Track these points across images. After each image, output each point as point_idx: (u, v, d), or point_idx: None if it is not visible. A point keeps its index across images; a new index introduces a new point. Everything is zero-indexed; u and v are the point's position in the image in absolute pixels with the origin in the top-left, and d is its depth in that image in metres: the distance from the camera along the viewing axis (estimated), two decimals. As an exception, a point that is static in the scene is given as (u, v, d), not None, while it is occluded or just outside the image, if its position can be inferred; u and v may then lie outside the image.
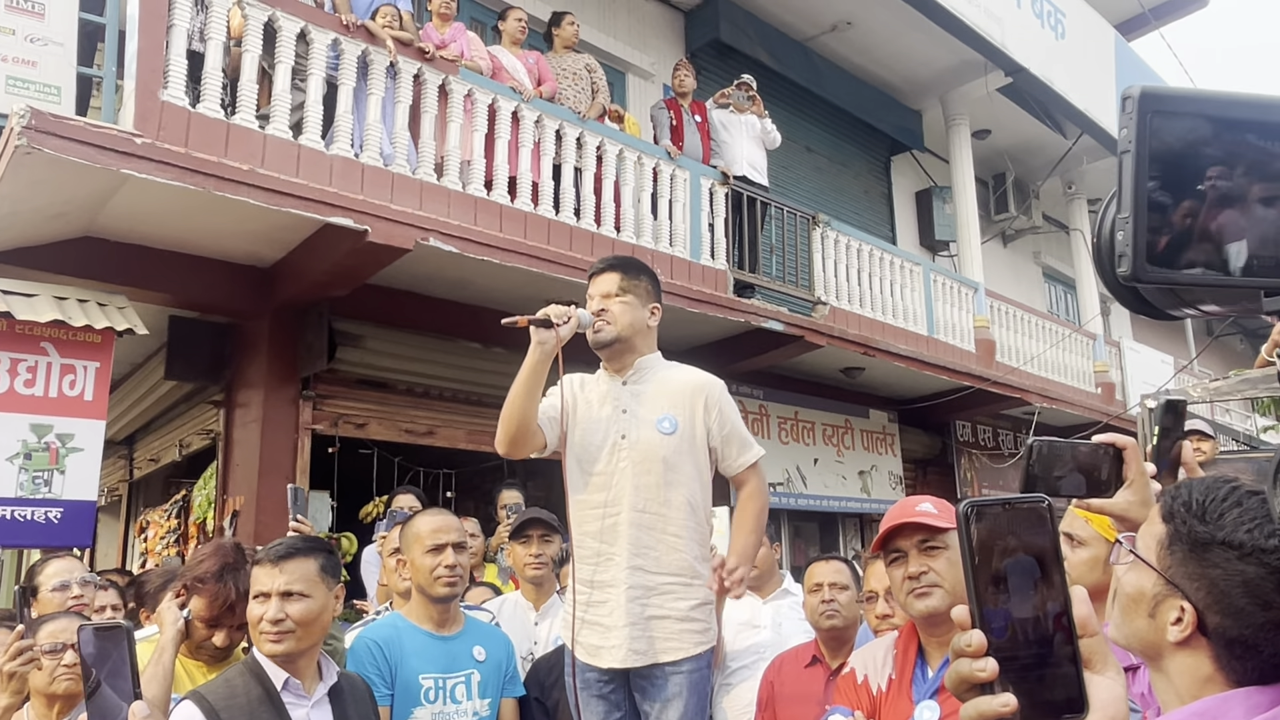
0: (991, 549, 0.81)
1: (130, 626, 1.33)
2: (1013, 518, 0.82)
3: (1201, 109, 0.76)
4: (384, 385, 6.70)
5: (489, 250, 5.99)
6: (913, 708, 2.05)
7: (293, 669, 2.34)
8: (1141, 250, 0.76)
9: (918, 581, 2.10)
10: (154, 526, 8.35)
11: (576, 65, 7.50)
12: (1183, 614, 1.17)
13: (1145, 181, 0.75)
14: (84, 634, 1.32)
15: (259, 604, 2.33)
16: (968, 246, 11.51)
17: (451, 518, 3.07)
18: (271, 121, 5.46)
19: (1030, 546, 0.82)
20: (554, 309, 2.77)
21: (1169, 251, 0.76)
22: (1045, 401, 10.73)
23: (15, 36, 4.99)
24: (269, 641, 2.30)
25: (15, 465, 5.02)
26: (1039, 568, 0.81)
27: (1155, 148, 0.76)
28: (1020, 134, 12.83)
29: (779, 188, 9.31)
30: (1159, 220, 0.76)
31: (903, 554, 2.15)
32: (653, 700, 2.76)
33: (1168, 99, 0.76)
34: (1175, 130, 0.76)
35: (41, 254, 5.45)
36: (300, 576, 2.35)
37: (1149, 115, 0.76)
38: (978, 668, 0.79)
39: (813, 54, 10.92)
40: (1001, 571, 0.81)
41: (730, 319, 7.47)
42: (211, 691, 2.26)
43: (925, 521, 2.12)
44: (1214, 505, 1.18)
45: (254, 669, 2.33)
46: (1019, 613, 0.81)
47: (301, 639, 2.33)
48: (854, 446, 9.91)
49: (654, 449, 2.85)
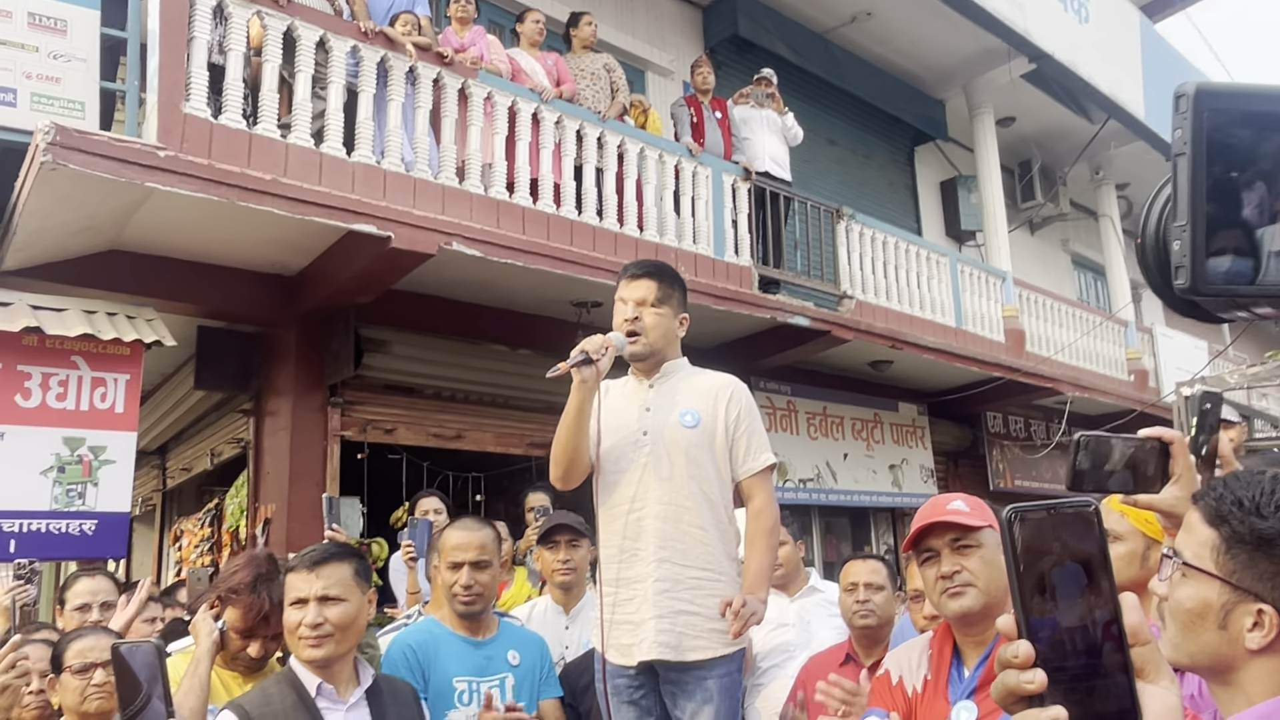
0: (1037, 556, 0.79)
1: (161, 645, 1.32)
2: (1058, 523, 0.79)
3: (1264, 105, 0.71)
4: (411, 390, 6.72)
5: (513, 253, 5.99)
6: (949, 709, 2.02)
7: (328, 674, 2.35)
8: (1202, 262, 0.70)
9: (951, 581, 2.07)
10: (188, 535, 8.43)
11: (595, 65, 7.48)
12: (1260, 618, 1.10)
13: (1203, 187, 0.70)
14: (118, 653, 1.32)
15: (296, 610, 2.35)
16: (994, 235, 11.39)
17: (474, 534, 3.02)
18: (293, 130, 5.48)
19: (1077, 552, 0.79)
20: (591, 344, 2.75)
21: (1231, 265, 0.71)
22: (1077, 391, 10.60)
23: (39, 53, 5.04)
24: (308, 647, 2.32)
25: (49, 478, 5.07)
26: (1086, 574, 0.78)
27: (1213, 149, 0.70)
28: (1045, 120, 12.67)
29: (802, 181, 9.25)
30: (1219, 228, 0.70)
31: (935, 553, 2.12)
32: (683, 706, 2.74)
33: (1225, 95, 0.71)
34: (1234, 130, 0.70)
35: (69, 268, 5.50)
36: (337, 581, 2.38)
37: (1205, 114, 0.70)
38: (1025, 679, 0.76)
39: (833, 46, 10.84)
40: (1048, 579, 0.78)
41: (755, 315, 7.43)
42: (249, 700, 2.29)
43: (956, 520, 2.09)
44: (1266, 499, 1.13)
45: (289, 678, 2.36)
46: (1067, 621, 0.78)
47: (340, 643, 2.35)
48: (884, 440, 9.84)
49: (676, 442, 2.85)
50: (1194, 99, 0.70)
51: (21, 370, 5.10)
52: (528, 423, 7.13)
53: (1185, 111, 0.70)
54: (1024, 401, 10.80)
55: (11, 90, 4.91)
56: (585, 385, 2.75)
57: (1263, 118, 0.70)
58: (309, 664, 2.34)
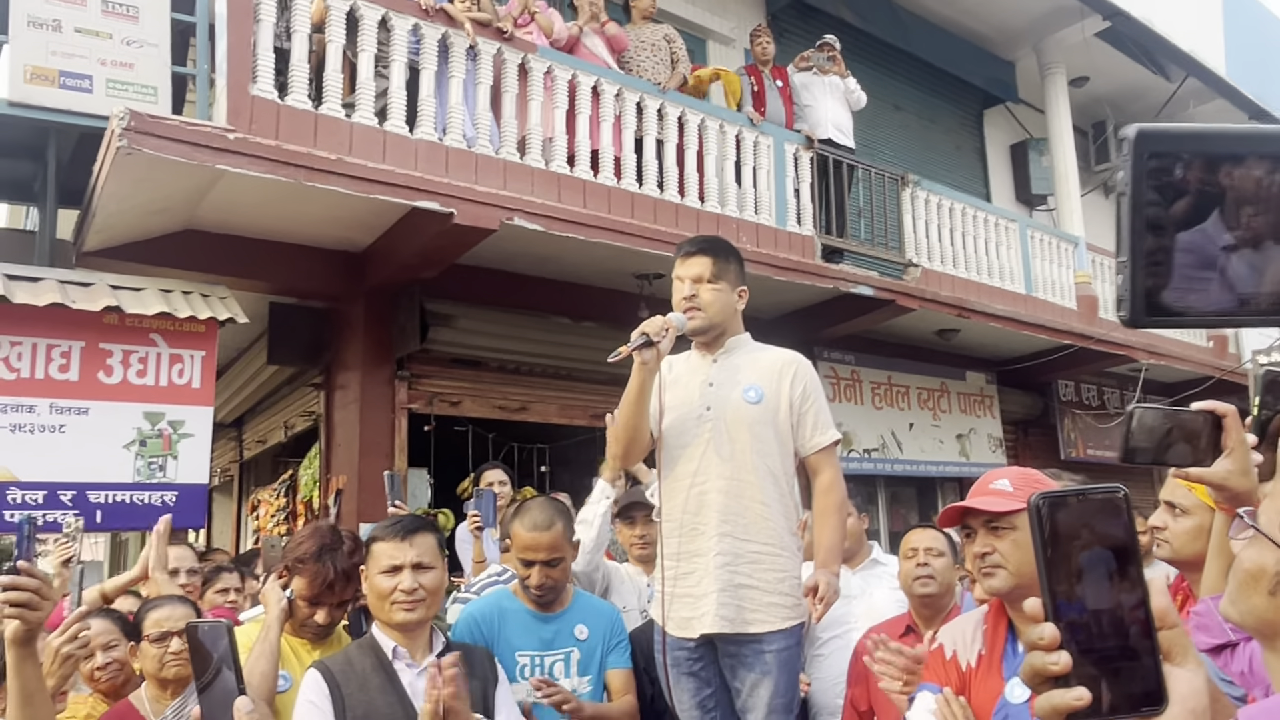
0: (1065, 541, 0.80)
1: (230, 624, 1.39)
2: (1086, 509, 0.80)
3: (1200, 146, 0.74)
4: (476, 363, 6.83)
5: (574, 227, 6.03)
6: (1003, 684, 2.01)
7: (408, 639, 2.47)
8: (1140, 298, 0.74)
9: (983, 561, 2.07)
10: (265, 505, 8.70)
11: (655, 36, 7.44)
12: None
13: (1142, 228, 0.74)
14: (191, 631, 1.39)
15: (388, 577, 2.45)
16: (1067, 200, 11.12)
17: (544, 534, 2.90)
18: (357, 109, 5.57)
19: (1105, 538, 0.79)
20: (651, 325, 2.76)
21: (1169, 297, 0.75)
22: (1152, 358, 10.34)
23: (113, 40, 5.18)
24: (403, 610, 2.42)
25: (131, 452, 5.28)
26: (1115, 560, 0.79)
27: (1153, 189, 0.74)
28: (1120, 79, 12.27)
29: (866, 148, 9.12)
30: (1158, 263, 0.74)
31: (973, 531, 2.11)
32: (742, 677, 2.77)
33: (1165, 138, 0.74)
34: (1173, 170, 0.74)
35: (145, 249, 5.69)
36: (428, 549, 2.50)
37: (1145, 156, 0.74)
38: (1050, 660, 0.77)
39: (898, 8, 10.63)
40: (1076, 563, 0.79)
41: (819, 285, 7.38)
42: (332, 662, 2.44)
43: (983, 506, 2.07)
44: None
45: (369, 642, 2.49)
46: (1094, 604, 0.79)
47: (430, 607, 2.48)
48: (950, 410, 9.73)
49: (740, 417, 2.86)
50: (1134, 142, 0.74)
51: (103, 348, 5.30)
52: (591, 394, 7.20)
53: (1126, 154, 0.74)
54: (1097, 369, 10.58)
55: (88, 77, 5.07)
56: (646, 367, 2.78)
57: (1200, 157, 0.74)
58: (400, 627, 2.44)
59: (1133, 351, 10.08)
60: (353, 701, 2.34)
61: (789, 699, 2.76)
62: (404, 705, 2.38)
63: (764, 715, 2.72)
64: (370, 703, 2.36)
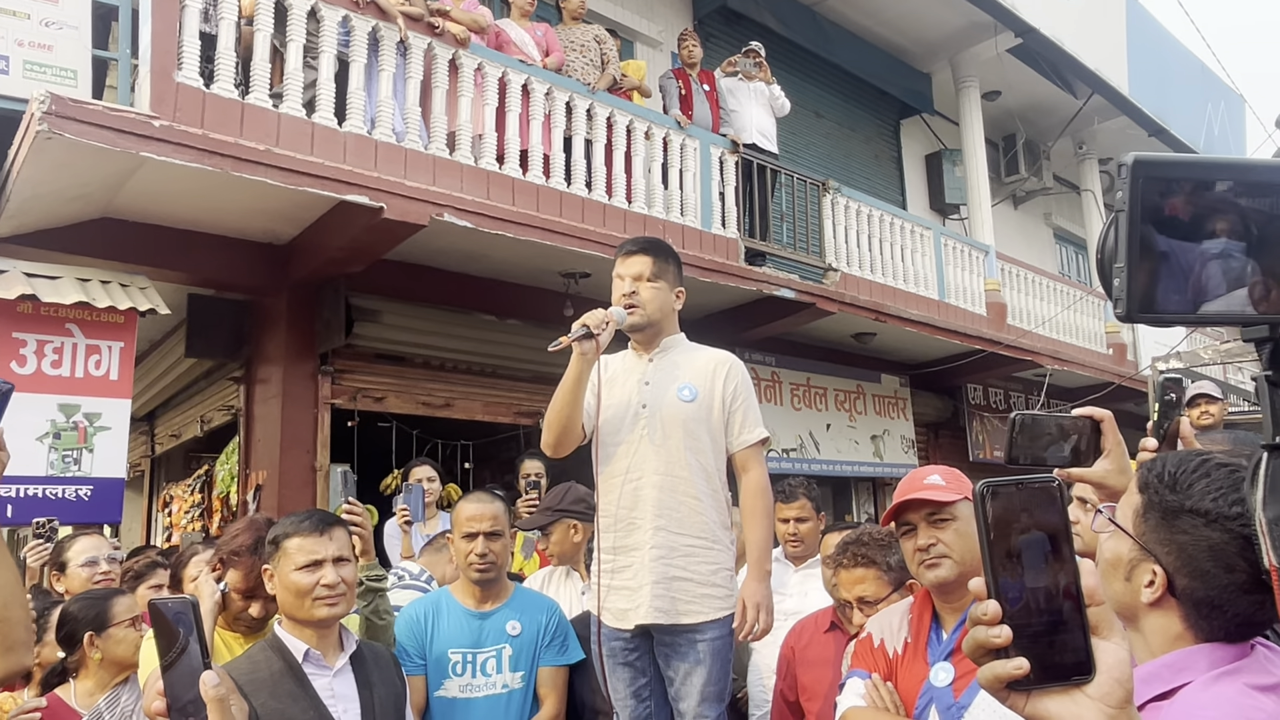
0: (1006, 526, 0.88)
1: (196, 600, 1.41)
2: (1026, 496, 0.88)
3: (1188, 173, 0.87)
4: (401, 359, 6.78)
5: (503, 224, 6.04)
6: (928, 669, 2.13)
7: (320, 639, 2.42)
8: (1136, 298, 0.86)
9: (927, 553, 2.18)
10: (178, 501, 8.49)
11: (585, 37, 7.49)
12: (1154, 577, 1.28)
13: (1138, 240, 0.86)
14: (155, 608, 1.40)
15: (308, 572, 2.39)
16: (978, 209, 11.49)
17: (488, 506, 3.13)
18: (285, 100, 5.50)
19: (1042, 523, 0.88)
20: (592, 318, 2.83)
21: (1159, 297, 0.87)
22: (1056, 364, 10.75)
23: (30, 20, 5.03)
24: (325, 606, 2.38)
25: (45, 444, 5.13)
26: (1050, 543, 0.88)
27: (1147, 208, 0.86)
28: (1030, 95, 12.75)
29: (789, 154, 9.30)
30: (1152, 270, 0.86)
31: (913, 526, 2.22)
32: (676, 666, 2.85)
33: (1158, 165, 0.86)
34: (1166, 191, 0.86)
35: (62, 235, 5.52)
36: (344, 543, 2.49)
37: (1140, 179, 0.86)
38: (993, 634, 0.85)
39: (820, 18, 10.86)
40: (1015, 546, 0.88)
41: (742, 288, 7.51)
42: (234, 668, 2.31)
43: (929, 497, 2.19)
44: (1184, 476, 1.29)
45: (275, 644, 2.40)
46: (1032, 584, 0.87)
47: (349, 601, 2.46)
48: (866, 411, 9.97)
49: (674, 415, 2.94)
50: (1132, 167, 0.86)
51: (17, 337, 5.15)
52: (516, 392, 7.22)
53: (1125, 177, 0.86)
54: (1004, 374, 10.96)
55: (4, 58, 4.92)
56: (585, 358, 2.84)
57: (1187, 181, 0.87)
58: (321, 623, 2.40)
59: (1038, 358, 10.47)
60: (265, 711, 2.22)
61: (721, 687, 2.85)
62: (319, 712, 2.31)
63: (696, 703, 2.80)
64: (283, 711, 2.25)
